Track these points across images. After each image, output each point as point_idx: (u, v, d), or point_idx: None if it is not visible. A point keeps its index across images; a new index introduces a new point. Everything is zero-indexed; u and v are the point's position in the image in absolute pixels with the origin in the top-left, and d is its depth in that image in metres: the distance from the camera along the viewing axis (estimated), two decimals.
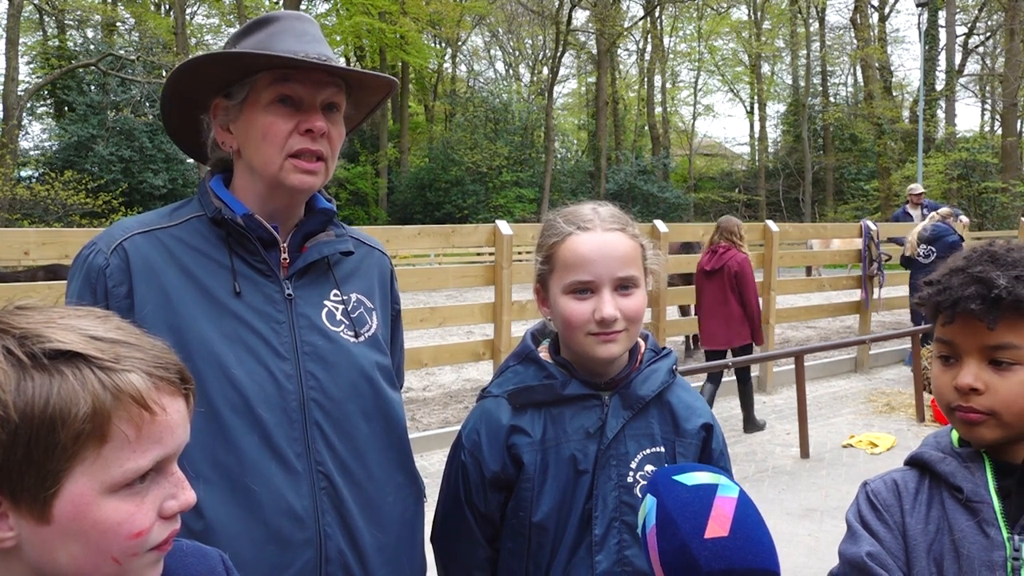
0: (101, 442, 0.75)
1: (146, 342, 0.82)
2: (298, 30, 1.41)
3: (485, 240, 6.39)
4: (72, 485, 0.75)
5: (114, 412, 0.76)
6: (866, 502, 1.26)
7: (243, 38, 1.42)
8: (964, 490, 1.18)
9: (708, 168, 47.13)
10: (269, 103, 1.37)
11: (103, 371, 0.76)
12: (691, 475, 1.11)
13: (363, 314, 1.50)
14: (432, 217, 31.86)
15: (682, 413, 1.45)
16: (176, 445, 0.82)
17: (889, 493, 1.25)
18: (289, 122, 1.37)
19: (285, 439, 1.34)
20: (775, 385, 8.13)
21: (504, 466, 1.42)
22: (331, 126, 1.41)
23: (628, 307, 1.37)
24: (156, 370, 0.80)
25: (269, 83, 1.37)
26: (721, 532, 1.03)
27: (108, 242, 1.36)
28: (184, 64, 1.38)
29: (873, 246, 9.36)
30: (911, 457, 1.28)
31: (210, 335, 1.33)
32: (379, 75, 1.48)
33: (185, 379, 0.84)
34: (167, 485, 0.82)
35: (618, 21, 38.00)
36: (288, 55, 1.34)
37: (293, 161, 1.38)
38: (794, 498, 5.04)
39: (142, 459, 0.78)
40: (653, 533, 1.07)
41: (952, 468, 1.21)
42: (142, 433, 0.77)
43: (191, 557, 0.97)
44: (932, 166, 29.09)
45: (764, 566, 1.03)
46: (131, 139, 26.82)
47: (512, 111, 38.08)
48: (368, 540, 1.40)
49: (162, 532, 0.81)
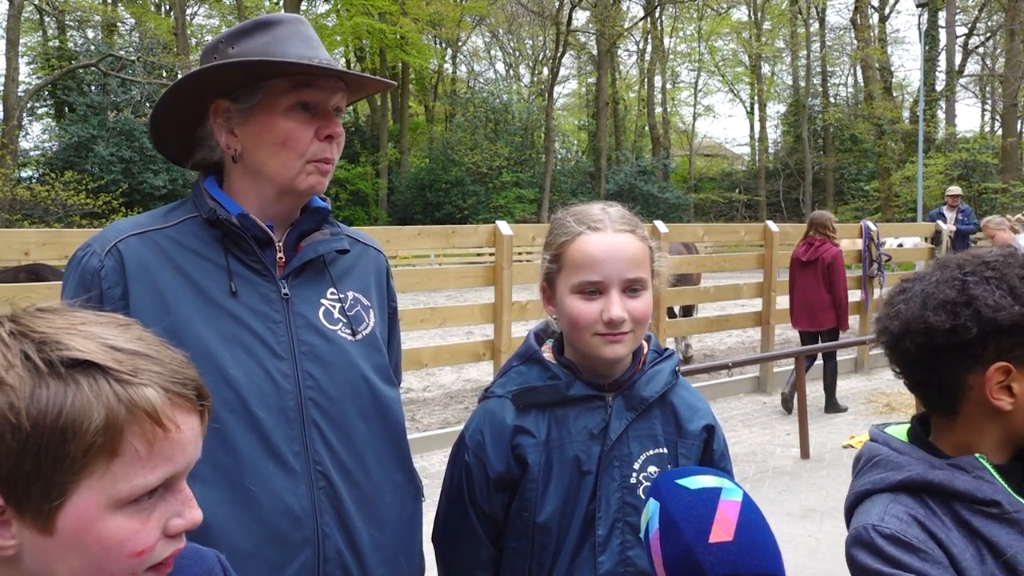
0: (111, 456, 0.74)
1: (166, 355, 0.80)
2: (304, 35, 1.41)
3: (485, 241, 6.39)
4: (78, 498, 0.73)
5: (127, 427, 0.74)
6: (894, 545, 1.08)
7: (242, 39, 1.40)
8: (1001, 503, 1.09)
9: (708, 168, 47.13)
10: (288, 109, 1.37)
11: (119, 383, 0.74)
12: (694, 479, 1.11)
13: (360, 312, 1.50)
14: (432, 218, 31.85)
15: (685, 414, 1.46)
16: (187, 463, 0.80)
17: (914, 528, 1.09)
18: (309, 128, 1.38)
19: (283, 439, 1.33)
20: (775, 385, 8.12)
21: (509, 466, 1.42)
22: (339, 128, 1.43)
23: (636, 309, 1.37)
24: (173, 385, 0.78)
25: (288, 89, 1.36)
26: (726, 536, 1.02)
27: (102, 244, 1.36)
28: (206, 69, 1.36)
29: (873, 246, 9.36)
30: (902, 481, 1.15)
31: (206, 335, 1.33)
32: (384, 81, 1.52)
33: (202, 395, 0.82)
34: (174, 503, 0.80)
35: (618, 21, 38.01)
36: (306, 61, 1.35)
37: (312, 165, 1.39)
38: (794, 499, 5.04)
39: (151, 476, 0.76)
40: (656, 538, 1.07)
41: (970, 483, 1.11)
42: (154, 450, 0.76)
43: (187, 559, 0.96)
44: (932, 166, 29.09)
45: (770, 570, 1.02)
46: (131, 140, 26.81)
47: (512, 112, 38.09)
48: (366, 539, 1.40)
49: (165, 550, 0.79)
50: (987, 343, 1.12)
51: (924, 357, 1.17)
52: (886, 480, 1.17)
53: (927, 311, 1.15)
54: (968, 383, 1.14)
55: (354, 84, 1.48)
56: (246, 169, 1.42)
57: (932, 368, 1.17)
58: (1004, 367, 1.11)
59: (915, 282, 1.22)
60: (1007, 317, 1.10)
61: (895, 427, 1.26)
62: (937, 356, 1.15)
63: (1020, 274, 1.14)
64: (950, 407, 1.18)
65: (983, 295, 1.12)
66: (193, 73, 1.38)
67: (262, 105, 1.38)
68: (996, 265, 1.15)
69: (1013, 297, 1.11)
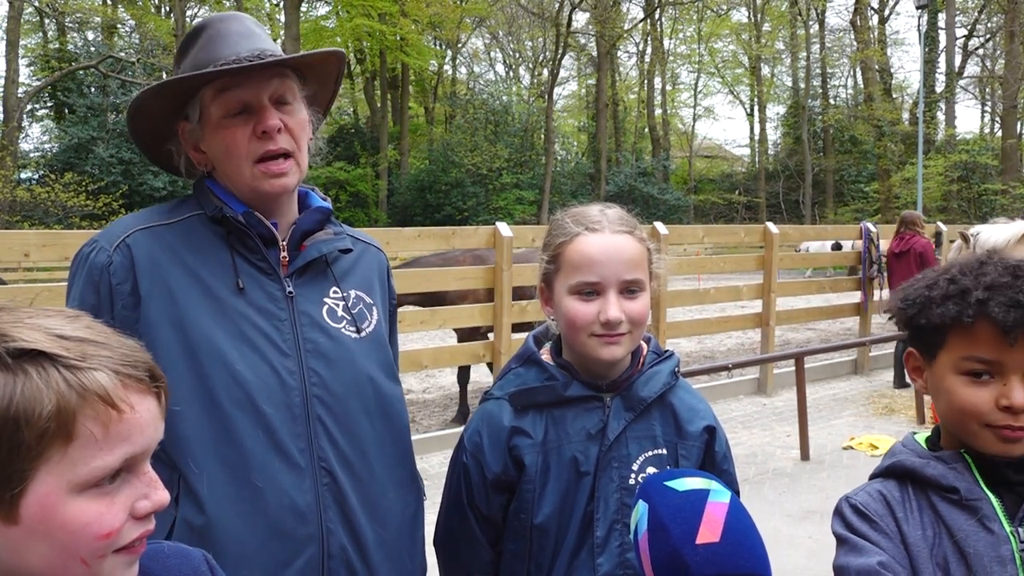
0: (67, 441, 0.75)
1: (115, 340, 0.82)
2: (224, 32, 1.40)
3: (485, 242, 6.38)
4: (38, 485, 0.75)
5: (79, 411, 0.75)
6: (855, 514, 1.22)
7: (184, 53, 1.43)
8: (960, 490, 1.17)
9: (708, 170, 47.18)
10: (220, 117, 1.37)
11: (68, 370, 0.75)
12: (682, 480, 1.11)
13: (363, 310, 1.50)
14: (432, 219, 31.85)
15: (684, 415, 1.45)
16: (146, 443, 0.81)
17: (878, 504, 1.21)
18: (245, 129, 1.36)
19: (288, 435, 1.34)
20: (775, 387, 8.12)
21: (506, 468, 1.41)
22: (288, 117, 1.39)
23: (633, 310, 1.37)
24: (124, 368, 0.79)
25: (213, 98, 1.37)
26: (712, 538, 1.03)
27: (110, 239, 1.36)
28: (131, 105, 1.39)
29: (873, 248, 9.37)
30: (888, 466, 1.26)
31: (214, 331, 1.33)
32: (314, 53, 1.45)
33: (155, 377, 0.83)
34: (139, 485, 0.81)
35: (618, 23, 38.04)
36: (219, 65, 1.33)
37: (260, 168, 1.37)
38: (794, 500, 5.04)
39: (109, 457, 0.77)
40: (645, 539, 1.07)
41: (940, 471, 1.19)
42: (109, 431, 0.77)
43: (173, 559, 0.97)
44: (932, 168, 29.11)
45: (756, 571, 1.02)
46: (131, 141, 26.72)
47: (512, 113, 38.11)
48: (370, 536, 1.40)
49: (133, 532, 0.80)
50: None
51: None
52: (880, 467, 1.29)
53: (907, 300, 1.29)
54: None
55: (307, 67, 1.46)
56: (223, 177, 1.43)
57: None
58: (912, 352, 1.27)
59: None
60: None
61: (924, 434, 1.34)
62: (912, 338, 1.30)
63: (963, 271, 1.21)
64: None
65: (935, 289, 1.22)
66: (129, 109, 1.41)
67: (203, 118, 1.39)
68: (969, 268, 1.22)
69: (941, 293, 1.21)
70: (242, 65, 1.33)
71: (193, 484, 1.29)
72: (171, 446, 1.29)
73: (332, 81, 1.55)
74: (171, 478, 1.29)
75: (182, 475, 1.29)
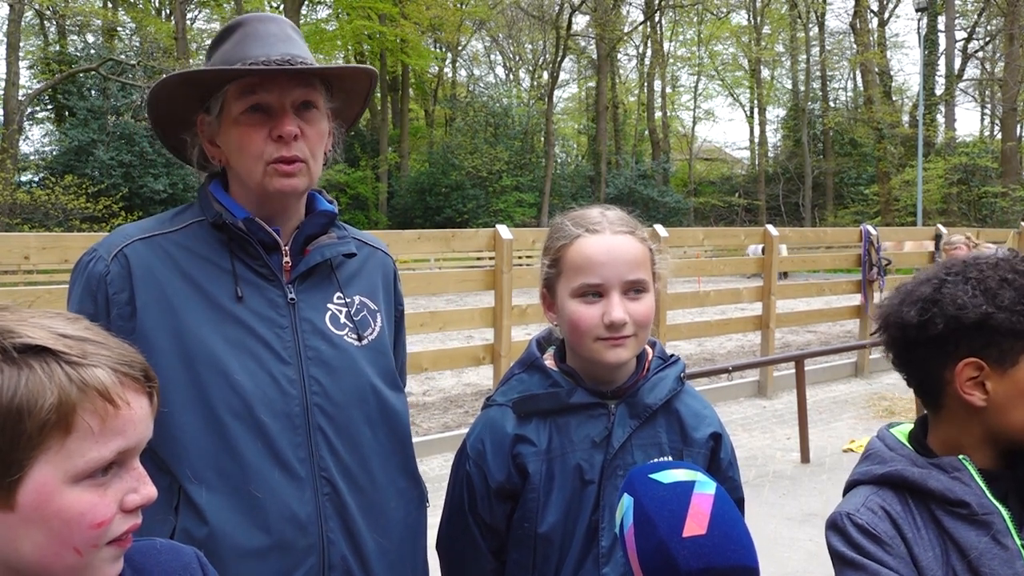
0: (66, 433, 0.79)
1: (113, 341, 0.86)
2: (261, 33, 1.39)
3: (485, 245, 6.38)
4: (36, 474, 0.78)
5: (79, 404, 0.79)
6: (863, 535, 1.14)
7: (217, 47, 1.42)
8: (971, 504, 1.12)
9: (708, 172, 47.14)
10: (240, 114, 1.36)
11: (70, 365, 0.80)
12: (668, 472, 1.09)
13: (366, 317, 1.48)
14: (432, 222, 31.86)
15: (690, 422, 1.43)
16: (138, 439, 0.85)
17: (884, 523, 1.15)
18: (262, 130, 1.36)
19: (288, 445, 1.33)
20: (775, 390, 8.11)
21: (509, 476, 1.40)
22: (307, 125, 1.38)
23: (637, 311, 1.35)
24: (121, 367, 0.83)
25: (237, 95, 1.36)
26: (699, 530, 1.01)
27: (108, 249, 1.36)
28: (154, 89, 1.38)
29: (873, 251, 9.37)
30: (883, 475, 1.20)
31: (212, 340, 1.32)
32: (344, 67, 1.44)
33: (149, 377, 0.87)
34: (129, 479, 0.84)
35: (618, 26, 38.08)
36: (248, 64, 1.33)
37: (273, 166, 1.37)
38: (795, 503, 5.03)
39: (104, 449, 0.81)
40: (631, 533, 1.05)
41: (945, 483, 1.13)
42: (106, 425, 0.81)
43: (165, 555, 0.99)
44: (932, 171, 29.12)
45: (743, 563, 1.01)
46: (131, 143, 26.81)
47: (512, 116, 38.14)
48: (371, 546, 1.39)
49: (122, 525, 0.83)
50: (958, 340, 1.15)
51: (901, 350, 1.23)
52: (870, 473, 1.22)
53: (903, 306, 1.21)
54: (945, 378, 1.18)
55: (339, 79, 1.46)
56: (235, 174, 1.42)
57: (909, 361, 1.23)
58: (974, 363, 1.15)
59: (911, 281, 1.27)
60: (972, 315, 1.13)
61: (900, 427, 1.29)
62: (912, 349, 1.21)
63: (1004, 276, 1.16)
64: (933, 401, 1.23)
65: (952, 293, 1.16)
66: (148, 98, 1.41)
67: (223, 113, 1.38)
68: (983, 266, 1.18)
69: (985, 297, 1.14)
70: (269, 68, 1.32)
71: (192, 494, 1.28)
72: (169, 455, 1.28)
73: (361, 98, 1.54)
74: (171, 487, 1.28)
75: (181, 485, 1.29)
